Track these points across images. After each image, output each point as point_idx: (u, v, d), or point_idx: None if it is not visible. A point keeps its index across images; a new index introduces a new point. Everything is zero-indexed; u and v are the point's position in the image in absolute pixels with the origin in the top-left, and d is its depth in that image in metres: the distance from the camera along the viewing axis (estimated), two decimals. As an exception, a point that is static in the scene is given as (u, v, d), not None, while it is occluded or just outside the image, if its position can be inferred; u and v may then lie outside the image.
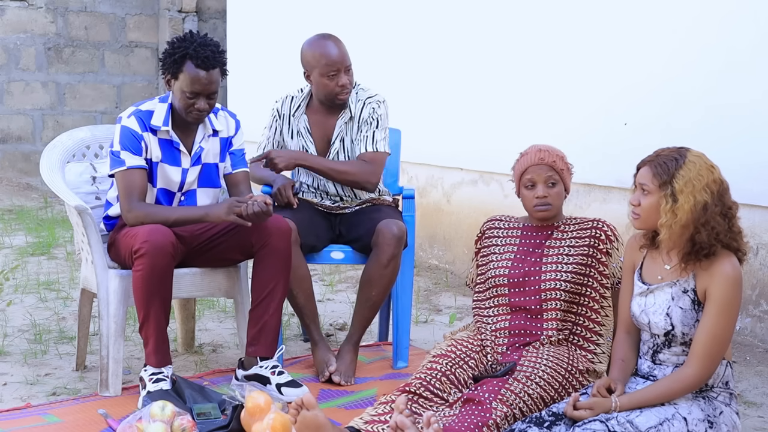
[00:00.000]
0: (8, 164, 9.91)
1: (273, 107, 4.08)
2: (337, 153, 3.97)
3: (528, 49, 5.35)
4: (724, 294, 2.67)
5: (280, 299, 3.59)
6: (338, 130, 3.97)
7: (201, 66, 3.50)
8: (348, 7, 6.82)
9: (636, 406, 2.70)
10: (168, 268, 3.43)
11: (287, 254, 3.58)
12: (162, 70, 3.61)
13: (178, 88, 3.54)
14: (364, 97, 3.99)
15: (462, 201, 5.93)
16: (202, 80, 3.50)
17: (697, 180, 2.68)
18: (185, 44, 3.53)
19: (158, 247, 3.37)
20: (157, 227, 3.44)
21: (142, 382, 3.44)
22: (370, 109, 3.96)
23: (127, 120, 3.59)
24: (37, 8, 9.90)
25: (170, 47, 3.56)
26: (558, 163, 3.22)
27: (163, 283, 3.42)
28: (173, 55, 3.53)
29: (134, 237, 3.43)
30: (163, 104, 3.64)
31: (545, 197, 3.22)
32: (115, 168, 3.57)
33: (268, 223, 3.54)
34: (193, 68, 3.50)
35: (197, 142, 3.68)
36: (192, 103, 3.53)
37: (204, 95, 3.53)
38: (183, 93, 3.52)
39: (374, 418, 2.94)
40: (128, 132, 3.57)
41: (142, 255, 3.37)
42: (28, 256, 6.23)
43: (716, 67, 4.30)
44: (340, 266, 5.98)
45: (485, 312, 3.28)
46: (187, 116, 3.57)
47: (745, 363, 4.06)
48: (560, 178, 3.23)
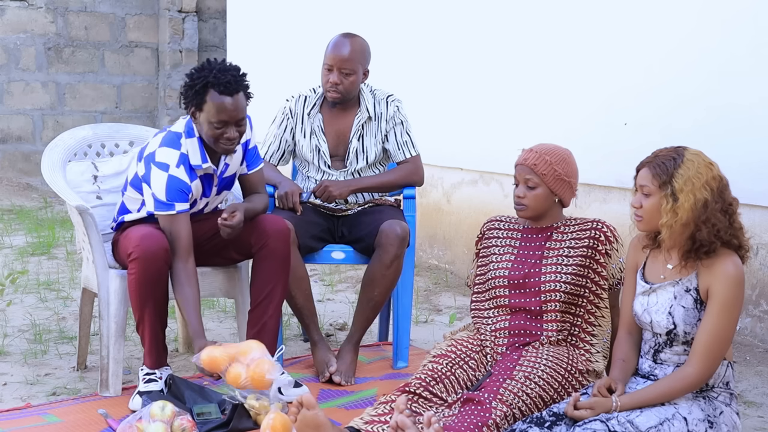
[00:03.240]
0: (8, 164, 9.91)
1: (284, 106, 4.07)
2: (356, 152, 3.99)
3: (528, 49, 5.35)
4: (726, 293, 2.67)
5: (279, 300, 3.59)
6: (355, 129, 3.98)
7: (225, 92, 3.36)
8: (348, 8, 6.83)
9: (637, 405, 2.70)
10: (160, 274, 3.41)
11: (286, 255, 3.58)
12: (184, 103, 3.45)
13: (205, 119, 3.39)
14: (381, 96, 4.02)
15: (462, 201, 5.93)
16: (228, 107, 3.36)
17: (697, 178, 2.68)
18: (205, 73, 3.39)
19: (149, 253, 3.36)
20: (151, 232, 3.41)
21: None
22: (395, 107, 4.01)
23: (176, 170, 3.43)
24: (37, 8, 9.89)
25: (189, 79, 3.42)
26: (540, 166, 3.16)
27: (156, 287, 3.41)
28: (194, 86, 3.39)
29: (129, 240, 3.43)
30: (193, 139, 3.49)
31: (521, 198, 3.20)
32: (162, 211, 3.45)
33: (267, 224, 3.54)
34: (218, 96, 3.35)
35: (222, 159, 3.58)
36: (221, 133, 3.40)
37: (232, 123, 3.40)
38: (210, 124, 3.38)
39: (374, 418, 2.94)
40: (178, 184, 3.43)
41: (134, 259, 3.38)
42: (28, 256, 6.23)
43: (716, 67, 4.30)
44: (340, 266, 5.98)
45: (485, 312, 3.28)
46: (217, 147, 3.45)
47: (745, 363, 4.06)
48: (542, 182, 3.17)
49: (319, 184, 3.91)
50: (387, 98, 4.02)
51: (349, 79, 3.90)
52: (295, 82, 4.17)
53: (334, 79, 3.89)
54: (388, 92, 4.06)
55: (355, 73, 3.90)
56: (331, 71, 3.90)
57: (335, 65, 3.88)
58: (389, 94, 4.04)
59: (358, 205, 4.04)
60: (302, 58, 7.19)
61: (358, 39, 3.97)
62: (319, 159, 4.01)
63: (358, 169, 4.00)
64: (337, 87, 3.90)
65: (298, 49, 7.44)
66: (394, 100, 4.03)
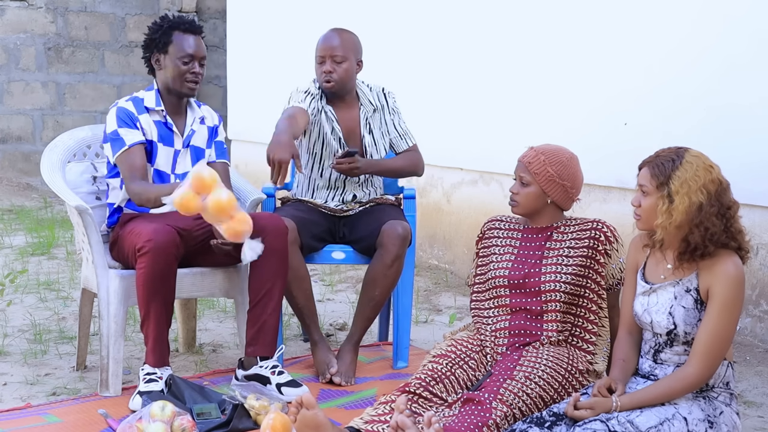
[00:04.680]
0: (8, 164, 9.91)
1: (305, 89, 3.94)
2: (372, 145, 4.01)
3: (528, 49, 5.35)
4: (726, 293, 2.67)
5: (278, 299, 3.59)
6: (364, 123, 4.01)
7: (189, 31, 3.70)
8: (348, 8, 6.82)
9: (637, 405, 2.70)
10: (170, 268, 3.43)
11: (284, 254, 3.58)
12: (147, 53, 3.77)
13: (171, 59, 3.68)
14: (377, 89, 4.08)
15: (462, 201, 5.93)
16: (193, 43, 3.69)
17: (693, 181, 2.68)
18: (166, 20, 3.74)
19: (161, 246, 3.38)
20: (161, 227, 3.44)
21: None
22: (392, 98, 4.09)
23: (124, 103, 3.72)
24: (37, 8, 9.90)
25: (151, 29, 3.74)
26: (534, 165, 3.18)
27: (165, 282, 3.43)
28: (158, 30, 3.71)
29: (138, 235, 3.44)
30: (150, 91, 3.77)
31: (514, 194, 3.23)
32: (117, 150, 3.64)
33: (265, 222, 3.55)
34: (182, 34, 3.69)
35: (188, 125, 3.79)
36: (188, 69, 3.67)
37: (197, 59, 3.70)
38: (178, 60, 3.67)
39: (374, 418, 2.94)
40: (125, 111, 3.68)
41: (145, 253, 3.38)
42: (28, 256, 6.23)
43: (716, 67, 4.30)
44: (341, 266, 5.98)
45: (485, 312, 3.28)
46: (183, 86, 3.70)
47: (745, 363, 4.06)
48: (534, 181, 3.18)
49: (346, 155, 3.84)
50: (383, 90, 4.08)
51: (342, 66, 3.91)
52: (295, 82, 4.16)
53: (327, 68, 3.90)
54: (380, 85, 4.11)
55: (347, 61, 3.91)
56: (323, 63, 3.92)
57: (326, 55, 3.91)
58: (382, 87, 4.10)
59: (359, 205, 4.04)
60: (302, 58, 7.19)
61: (347, 31, 4.02)
62: (338, 143, 3.98)
63: None
64: (331, 75, 3.90)
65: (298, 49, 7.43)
66: (389, 91, 4.10)
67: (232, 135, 8.61)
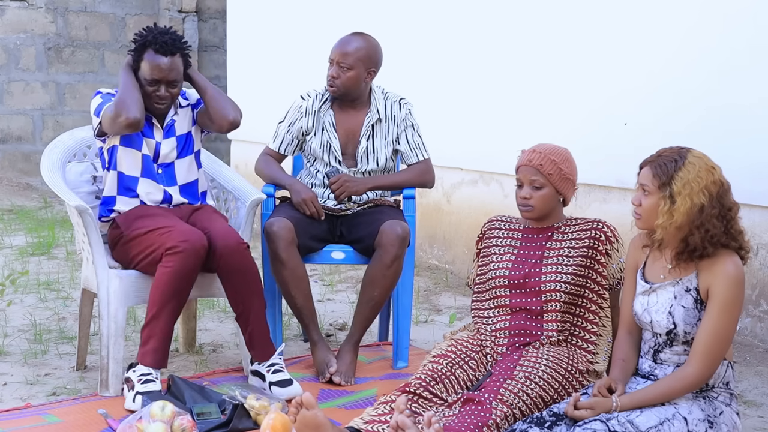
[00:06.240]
0: (8, 164, 9.91)
1: (300, 104, 4.03)
2: (366, 152, 4.00)
3: (528, 50, 5.35)
4: (726, 293, 2.67)
5: (257, 309, 3.59)
6: (365, 129, 4.00)
7: (160, 52, 3.60)
8: (348, 8, 6.82)
9: (637, 405, 2.70)
10: (195, 270, 3.47)
11: (242, 268, 3.54)
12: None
13: (141, 76, 3.63)
14: (394, 99, 4.05)
15: (462, 201, 5.93)
16: (162, 67, 3.60)
17: (695, 182, 2.68)
18: (146, 34, 3.65)
19: (195, 248, 3.43)
20: (192, 229, 3.49)
21: (129, 383, 3.43)
22: (407, 110, 4.05)
23: (105, 90, 3.75)
24: (37, 8, 9.89)
25: (135, 39, 3.69)
26: (546, 166, 3.16)
27: (187, 283, 3.47)
28: (136, 42, 3.66)
29: (167, 235, 3.44)
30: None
31: (527, 199, 3.20)
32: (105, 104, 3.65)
33: (217, 241, 3.51)
34: (153, 55, 3.61)
35: (169, 116, 3.77)
36: (153, 91, 3.63)
37: (164, 83, 3.63)
38: (145, 81, 3.62)
39: (374, 418, 2.94)
40: (108, 97, 3.69)
41: (178, 252, 3.40)
42: (29, 256, 6.23)
43: (716, 67, 4.30)
44: (340, 266, 5.97)
45: (485, 312, 3.28)
46: (150, 105, 3.66)
47: (745, 363, 4.06)
48: (548, 182, 3.17)
49: (337, 177, 3.91)
50: (399, 101, 4.05)
51: (346, 74, 3.90)
52: (295, 82, 4.17)
53: (333, 72, 3.91)
54: (400, 95, 4.08)
55: (354, 70, 3.90)
56: (332, 65, 3.93)
57: (335, 59, 3.92)
58: (401, 97, 4.07)
59: (358, 206, 4.04)
60: (302, 58, 7.19)
61: (367, 38, 3.99)
62: (329, 155, 4.00)
63: (369, 171, 4.01)
64: (334, 81, 3.91)
65: (298, 49, 7.44)
66: (407, 103, 4.06)
67: (232, 135, 8.60)
